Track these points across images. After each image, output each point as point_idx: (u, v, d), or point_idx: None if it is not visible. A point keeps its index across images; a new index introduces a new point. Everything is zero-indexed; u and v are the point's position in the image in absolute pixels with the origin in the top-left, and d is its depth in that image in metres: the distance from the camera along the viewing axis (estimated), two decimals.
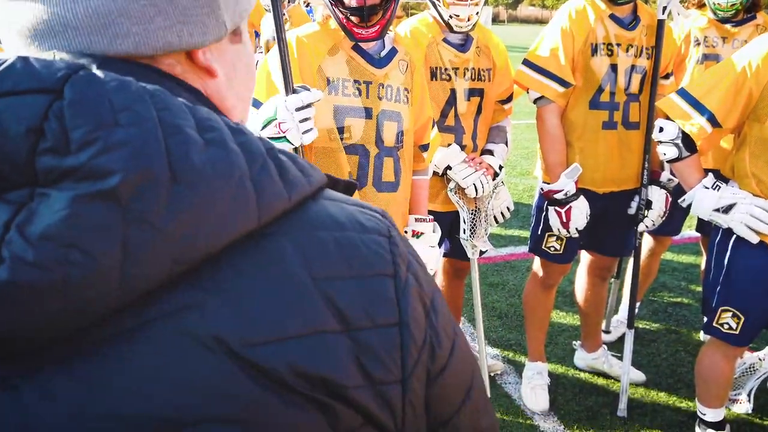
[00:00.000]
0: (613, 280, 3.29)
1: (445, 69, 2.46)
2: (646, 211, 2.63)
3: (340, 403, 0.48)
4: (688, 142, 2.06)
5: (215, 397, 0.44)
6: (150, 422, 0.42)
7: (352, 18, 1.83)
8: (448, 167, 2.46)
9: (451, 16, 2.35)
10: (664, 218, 2.66)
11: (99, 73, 0.45)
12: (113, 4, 0.50)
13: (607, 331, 3.35)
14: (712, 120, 2.00)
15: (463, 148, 2.51)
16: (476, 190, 2.45)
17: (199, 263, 0.45)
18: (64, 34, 0.50)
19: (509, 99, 2.70)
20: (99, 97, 0.43)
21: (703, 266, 3.04)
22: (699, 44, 3.09)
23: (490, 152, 2.61)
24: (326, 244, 0.50)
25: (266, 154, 0.49)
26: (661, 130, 2.09)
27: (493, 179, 2.52)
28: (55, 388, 0.42)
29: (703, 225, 3.06)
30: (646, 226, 2.66)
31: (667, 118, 2.10)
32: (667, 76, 2.74)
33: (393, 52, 2.01)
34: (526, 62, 2.59)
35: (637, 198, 2.64)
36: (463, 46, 2.49)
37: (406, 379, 0.51)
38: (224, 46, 0.58)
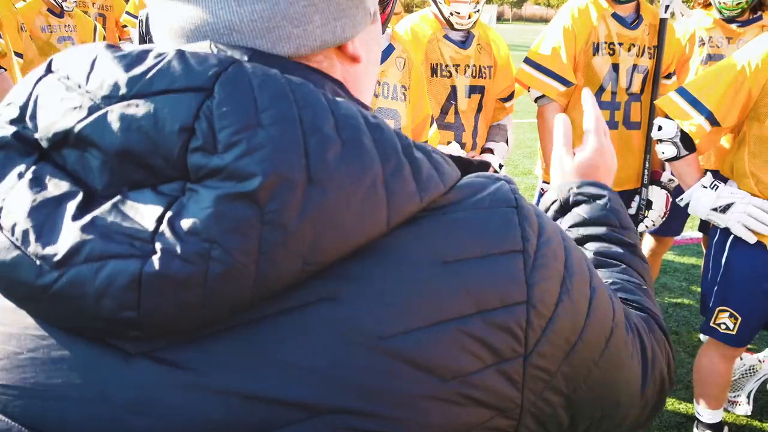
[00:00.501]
0: None
1: (446, 66, 2.46)
2: (646, 211, 2.63)
3: (464, 389, 0.49)
4: (686, 141, 2.05)
5: (352, 387, 0.46)
6: (288, 406, 0.45)
7: None
8: None
9: (451, 13, 2.35)
10: (664, 218, 2.65)
11: (248, 66, 0.47)
12: (276, 8, 0.51)
13: None
14: (711, 119, 1.99)
15: (463, 145, 2.51)
16: None
17: (330, 263, 0.46)
18: (229, 37, 0.52)
19: (510, 97, 2.70)
20: (245, 96, 0.45)
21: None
22: (704, 44, 3.08)
23: (491, 150, 2.61)
24: (455, 225, 0.50)
25: (401, 152, 0.49)
26: (659, 128, 2.08)
27: None
28: (200, 366, 0.45)
29: (704, 224, 3.05)
30: (647, 226, 2.65)
31: (666, 116, 2.09)
32: (669, 76, 2.73)
33: (390, 49, 2.01)
34: (528, 60, 2.58)
35: (637, 198, 2.63)
36: (464, 43, 2.49)
37: (528, 355, 0.52)
38: (366, 30, 0.60)
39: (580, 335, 0.55)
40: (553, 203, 0.88)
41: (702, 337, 3.13)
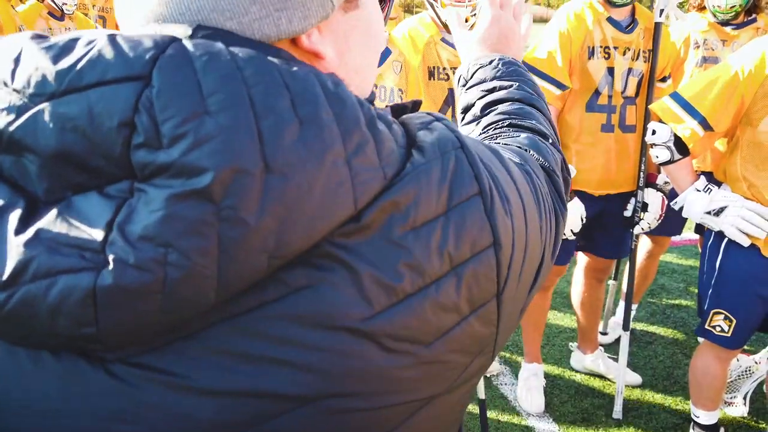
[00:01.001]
0: (610, 281, 3.29)
1: (444, 69, 2.48)
2: (642, 214, 2.64)
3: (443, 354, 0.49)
4: (680, 146, 2.07)
5: (341, 373, 0.45)
6: (280, 398, 0.44)
7: None
8: None
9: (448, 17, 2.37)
10: (660, 221, 2.67)
11: (189, 45, 0.43)
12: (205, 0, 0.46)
13: (605, 333, 3.35)
14: (704, 123, 2.01)
15: None
16: None
17: (299, 253, 0.43)
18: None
19: None
20: (187, 80, 0.41)
21: None
22: (698, 47, 3.09)
23: None
24: (415, 186, 0.47)
25: (364, 126, 0.46)
26: (653, 132, 2.10)
27: None
28: (179, 369, 0.43)
29: (700, 226, 3.06)
30: (642, 229, 2.66)
31: (660, 120, 2.11)
32: (664, 79, 2.74)
33: (386, 53, 2.03)
34: (524, 64, 2.60)
35: (633, 200, 2.65)
36: None
37: (500, 292, 0.52)
38: (335, 20, 0.53)
39: (525, 250, 0.56)
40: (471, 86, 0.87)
41: (700, 338, 3.15)
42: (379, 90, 1.99)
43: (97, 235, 0.40)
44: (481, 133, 0.79)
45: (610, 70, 2.54)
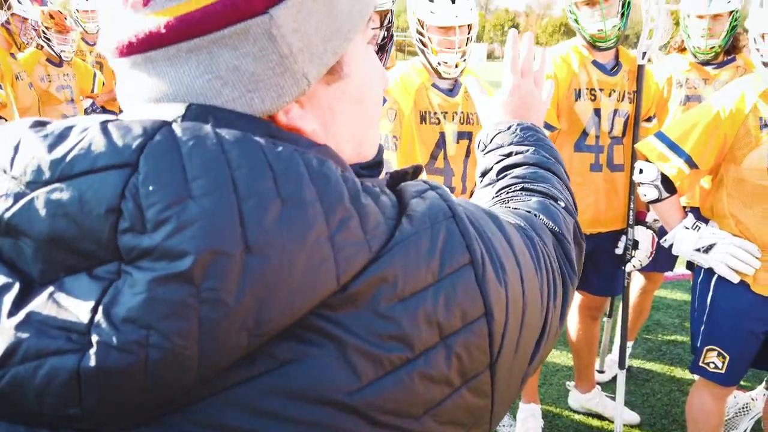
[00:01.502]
0: (605, 319, 3.30)
1: (435, 113, 2.53)
2: (633, 251, 2.67)
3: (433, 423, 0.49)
4: (667, 184, 2.11)
5: None
6: None
7: None
8: None
9: (439, 63, 2.43)
10: (651, 258, 2.70)
11: (178, 130, 0.45)
12: (180, 85, 0.49)
13: (602, 371, 3.34)
14: (690, 162, 2.06)
15: (452, 190, 2.56)
16: None
17: (282, 329, 0.44)
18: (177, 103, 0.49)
19: None
20: (172, 166, 0.43)
21: None
22: (681, 86, 3.17)
23: None
24: (404, 254, 0.48)
25: (348, 201, 0.47)
26: (641, 171, 2.15)
27: None
28: None
29: (691, 262, 3.09)
30: (634, 266, 2.69)
31: (647, 160, 2.15)
32: (649, 119, 2.81)
33: (382, 100, 2.08)
34: None
35: (624, 238, 2.68)
36: (451, 91, 2.57)
37: (494, 363, 0.52)
38: (317, 93, 0.53)
39: (522, 319, 0.56)
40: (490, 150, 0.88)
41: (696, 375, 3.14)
42: None
43: (84, 317, 0.41)
44: (494, 197, 0.80)
45: (597, 111, 2.61)
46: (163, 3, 0.48)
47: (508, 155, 0.85)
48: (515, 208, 0.73)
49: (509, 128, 0.88)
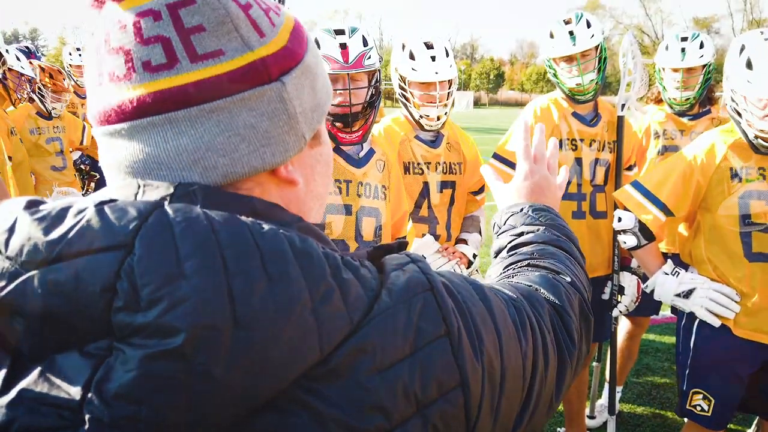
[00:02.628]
0: (594, 364, 3.31)
1: (418, 164, 2.61)
2: (619, 296, 2.71)
3: None
4: (645, 231, 2.17)
5: None
6: None
7: (337, 123, 1.99)
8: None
9: (421, 116, 2.52)
10: (637, 303, 2.74)
11: (170, 211, 0.47)
12: (201, 141, 0.53)
13: (592, 417, 3.33)
14: (665, 210, 2.13)
15: (437, 237, 2.61)
16: None
17: (268, 399, 0.46)
18: (158, 172, 0.53)
19: (481, 190, 2.84)
20: (166, 247, 0.45)
21: None
22: (659, 137, 3.28)
23: (464, 241, 2.71)
24: (382, 327, 0.50)
25: (330, 276, 0.49)
26: (619, 219, 2.21)
27: (468, 267, 2.61)
28: None
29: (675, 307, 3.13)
30: (620, 311, 2.73)
31: (625, 208, 2.22)
32: (630, 168, 2.90)
33: (371, 152, 2.15)
34: (496, 156, 2.75)
35: (609, 284, 2.72)
36: (434, 142, 2.65)
37: (471, 430, 0.54)
38: (304, 153, 0.60)
39: (501, 387, 0.58)
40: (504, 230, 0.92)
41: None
42: (365, 187, 2.10)
43: (76, 394, 0.43)
44: (501, 273, 0.84)
45: (578, 161, 2.69)
46: (185, 68, 0.53)
47: (520, 234, 0.88)
48: (516, 282, 0.75)
49: (522, 210, 0.92)
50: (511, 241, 0.89)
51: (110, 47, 0.53)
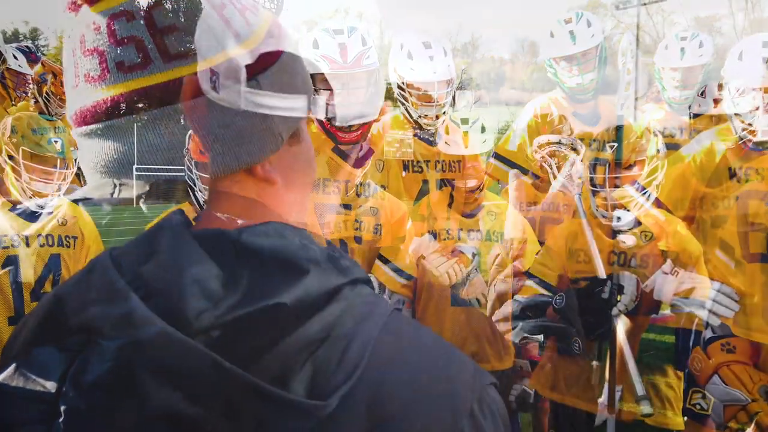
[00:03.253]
0: (594, 363, 3.30)
1: (417, 162, 2.60)
2: (619, 296, 2.70)
3: None
4: (645, 231, 2.17)
5: None
6: None
7: (336, 123, 1.99)
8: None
9: (420, 116, 2.52)
10: (637, 302, 2.73)
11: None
12: (175, 140, 0.55)
13: None
14: (665, 209, 2.13)
15: (436, 236, 2.60)
16: (449, 279, 2.52)
17: None
18: (133, 171, 0.55)
19: (480, 188, 2.83)
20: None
21: None
22: (657, 136, 3.27)
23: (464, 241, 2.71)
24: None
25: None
26: (618, 219, 2.21)
27: (467, 267, 2.60)
28: None
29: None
30: (620, 311, 2.72)
31: (625, 208, 2.22)
32: (630, 167, 2.89)
33: (370, 152, 2.15)
34: (496, 155, 2.75)
35: (609, 283, 2.72)
36: (432, 141, 2.65)
37: None
38: (282, 153, 0.61)
39: None
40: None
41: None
42: (365, 187, 2.11)
43: (51, 387, 0.44)
44: None
45: (578, 160, 2.69)
46: (158, 68, 0.54)
47: None
48: None
49: None
50: None
51: (85, 48, 0.54)
